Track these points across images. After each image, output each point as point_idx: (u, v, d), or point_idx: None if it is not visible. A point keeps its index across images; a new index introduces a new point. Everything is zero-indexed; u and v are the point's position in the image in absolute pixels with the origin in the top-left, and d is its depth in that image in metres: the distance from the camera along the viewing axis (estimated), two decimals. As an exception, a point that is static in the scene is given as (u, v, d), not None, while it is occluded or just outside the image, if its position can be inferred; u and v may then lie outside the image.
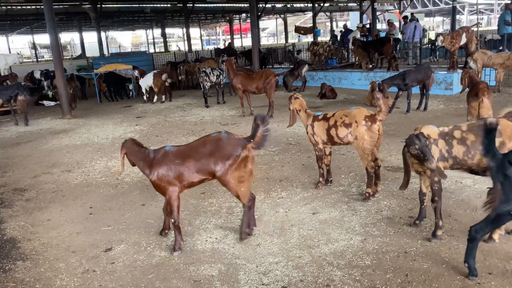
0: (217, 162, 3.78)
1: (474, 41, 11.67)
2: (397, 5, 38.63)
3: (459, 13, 42.40)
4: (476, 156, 3.59)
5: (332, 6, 36.01)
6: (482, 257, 3.49)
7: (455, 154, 3.66)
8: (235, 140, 3.86)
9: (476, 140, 3.55)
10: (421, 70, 9.22)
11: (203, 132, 8.91)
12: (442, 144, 3.71)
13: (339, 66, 16.61)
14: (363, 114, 4.74)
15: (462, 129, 3.67)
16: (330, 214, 4.56)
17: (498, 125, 3.43)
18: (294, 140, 7.75)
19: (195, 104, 12.92)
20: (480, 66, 10.65)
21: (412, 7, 43.74)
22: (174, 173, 3.84)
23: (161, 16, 30.91)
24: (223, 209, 4.91)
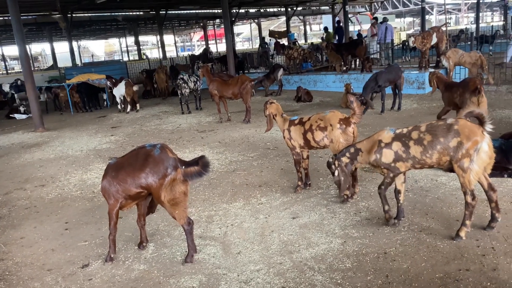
0: (145, 177, 3.60)
1: (444, 40, 11.96)
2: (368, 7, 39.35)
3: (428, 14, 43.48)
4: (434, 155, 3.67)
5: (305, 10, 36.32)
6: (460, 254, 3.55)
7: (413, 154, 3.77)
8: (166, 158, 3.62)
9: (433, 140, 3.64)
10: (392, 71, 9.38)
11: (180, 140, 8.83)
12: (397, 145, 3.83)
13: (314, 69, 16.76)
14: (338, 118, 4.79)
15: (420, 130, 3.77)
16: (310, 218, 4.56)
17: (457, 125, 3.52)
18: (272, 144, 7.75)
19: (172, 112, 12.80)
20: (452, 64, 10.91)
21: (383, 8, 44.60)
22: (113, 186, 3.76)
23: (134, 24, 30.57)
24: (203, 218, 4.85)
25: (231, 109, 10.93)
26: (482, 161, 3.55)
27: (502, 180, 4.98)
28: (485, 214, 4.20)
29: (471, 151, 3.50)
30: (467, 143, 3.51)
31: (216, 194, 5.59)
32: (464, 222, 3.73)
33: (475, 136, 3.50)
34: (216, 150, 7.72)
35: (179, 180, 3.61)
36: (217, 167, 6.72)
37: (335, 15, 30.43)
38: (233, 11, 28.47)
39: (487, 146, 3.53)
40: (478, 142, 3.50)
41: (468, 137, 3.51)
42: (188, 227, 3.78)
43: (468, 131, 3.52)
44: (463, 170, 3.58)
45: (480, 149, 3.51)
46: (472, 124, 3.58)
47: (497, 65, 11.79)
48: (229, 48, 14.81)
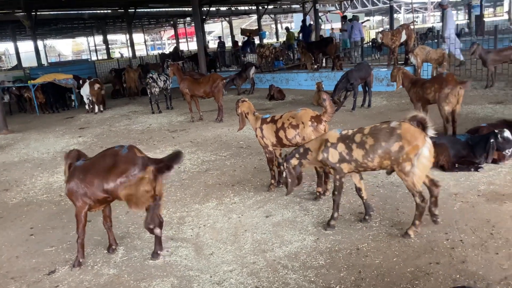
0: (113, 179, 3.51)
1: (413, 38, 12.21)
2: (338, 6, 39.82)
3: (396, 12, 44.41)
4: (376, 159, 3.69)
5: (276, 8, 36.42)
6: (430, 247, 3.60)
7: (355, 157, 3.78)
8: (134, 157, 3.54)
9: (375, 144, 3.65)
10: (362, 68, 9.51)
11: (150, 141, 8.67)
12: (341, 147, 3.84)
13: (286, 67, 16.81)
14: (309, 115, 4.79)
15: (364, 133, 3.77)
16: (283, 216, 4.54)
17: (400, 129, 3.55)
18: (245, 143, 7.71)
19: (142, 112, 12.56)
20: (420, 61, 11.16)
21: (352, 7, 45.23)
22: (80, 189, 3.64)
23: (102, 22, 29.87)
24: (174, 220, 4.76)
25: (203, 108, 10.81)
26: (424, 166, 3.59)
27: (469, 174, 5.11)
28: (453, 208, 4.29)
29: (411, 155, 3.53)
30: (408, 147, 3.53)
31: (188, 194, 5.50)
32: (414, 222, 3.77)
33: (417, 141, 3.53)
34: (188, 150, 7.61)
35: (148, 179, 3.53)
36: (189, 167, 6.62)
37: (306, 13, 30.64)
38: (204, 9, 28.20)
39: (428, 151, 3.57)
40: (419, 147, 3.52)
41: (409, 142, 3.53)
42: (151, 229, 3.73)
43: (410, 136, 3.54)
44: (405, 174, 3.62)
45: (421, 154, 3.53)
46: (415, 128, 3.61)
47: (457, 66, 12.15)
48: (200, 47, 14.67)
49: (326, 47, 14.06)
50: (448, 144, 5.37)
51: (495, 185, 4.75)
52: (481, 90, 10.17)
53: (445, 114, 6.18)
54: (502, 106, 8.42)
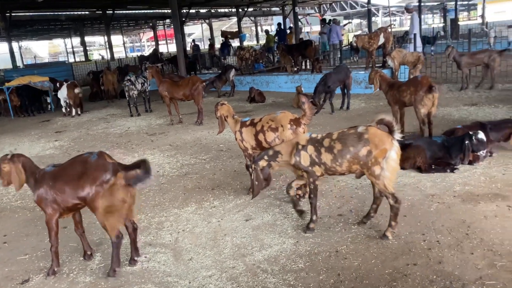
0: (83, 186, 3.43)
1: (391, 41, 12.39)
2: (318, 9, 40.15)
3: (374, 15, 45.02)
4: (344, 164, 3.73)
5: (256, 11, 36.53)
6: (407, 249, 3.65)
7: (324, 161, 3.82)
8: (104, 164, 3.47)
9: (343, 149, 3.69)
10: (341, 71, 9.60)
11: (128, 144, 8.54)
12: (311, 150, 3.88)
13: (266, 70, 16.84)
14: (288, 118, 4.80)
15: (332, 138, 3.81)
16: (263, 219, 4.53)
17: (367, 134, 3.60)
18: (225, 146, 7.67)
19: (120, 115, 12.38)
20: (397, 64, 11.34)
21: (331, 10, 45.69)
22: (50, 196, 3.55)
23: (79, 24, 29.37)
24: (153, 225, 4.69)
25: (182, 111, 10.73)
26: (393, 169, 3.65)
27: (445, 175, 5.20)
28: (430, 209, 4.36)
29: (380, 159, 3.59)
30: (376, 151, 3.58)
31: (167, 199, 5.43)
32: (390, 223, 3.82)
33: (384, 144, 3.58)
34: (167, 154, 7.53)
35: (119, 185, 3.46)
36: (168, 171, 6.55)
37: (286, 16, 30.81)
38: (184, 11, 28.04)
39: (395, 154, 3.63)
40: (387, 151, 3.58)
41: (377, 146, 3.59)
42: (116, 240, 3.59)
43: (378, 140, 3.60)
44: (375, 178, 3.67)
45: (389, 157, 3.60)
46: (382, 132, 3.66)
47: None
48: (179, 49, 14.56)
49: (306, 49, 14.13)
50: (424, 145, 5.46)
51: (470, 185, 4.84)
52: (456, 92, 10.40)
53: (421, 117, 6.28)
54: (476, 108, 8.62)
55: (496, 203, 4.34)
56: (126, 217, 3.71)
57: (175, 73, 16.72)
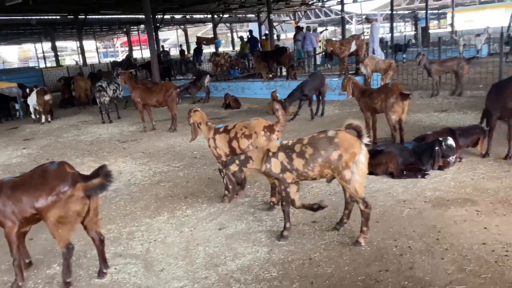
0: (40, 196, 3.32)
1: (363, 48, 12.59)
2: (292, 16, 40.55)
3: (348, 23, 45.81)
4: (316, 168, 3.74)
5: (231, 18, 36.59)
6: (380, 255, 3.66)
7: (296, 166, 3.81)
8: (63, 174, 3.37)
9: (314, 153, 3.70)
10: (316, 78, 9.69)
11: (99, 152, 8.34)
12: (282, 156, 3.87)
13: (242, 76, 16.84)
14: (262, 125, 4.79)
15: (303, 143, 3.82)
16: (237, 228, 4.48)
17: (337, 138, 3.63)
18: (200, 153, 7.58)
19: (91, 122, 12.10)
20: (370, 71, 11.53)
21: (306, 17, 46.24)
22: (8, 206, 3.40)
23: (50, 29, 28.69)
24: (123, 235, 4.57)
25: (156, 117, 10.58)
26: (362, 172, 3.69)
27: (417, 181, 5.27)
28: (402, 215, 4.40)
29: (350, 163, 3.62)
30: (346, 155, 3.61)
31: (139, 208, 5.31)
32: (362, 229, 3.83)
33: (353, 148, 3.62)
34: (139, 161, 7.39)
35: (77, 197, 3.34)
36: (140, 179, 6.41)
37: (261, 23, 30.98)
38: (158, 17, 27.81)
39: (364, 157, 3.67)
40: (356, 154, 3.62)
41: (347, 150, 3.61)
42: (66, 252, 3.47)
43: (347, 143, 3.63)
44: (346, 182, 3.69)
45: (358, 161, 3.63)
46: (351, 136, 3.70)
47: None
48: (153, 55, 14.39)
49: (281, 56, 14.22)
50: (396, 151, 5.53)
51: (441, 191, 4.93)
52: (427, 99, 10.64)
53: (392, 123, 6.38)
54: (446, 114, 8.83)
55: (465, 208, 4.43)
56: (92, 229, 3.59)
57: (149, 79, 16.52)
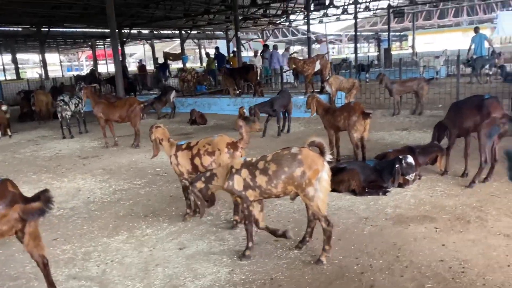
0: None
1: (328, 67, 12.87)
2: (260, 35, 41.12)
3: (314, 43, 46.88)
4: (279, 185, 3.72)
5: (200, 34, 36.70)
6: (341, 273, 3.64)
7: (259, 183, 3.78)
8: (3, 192, 3.18)
9: (277, 169, 3.69)
10: (285, 96, 9.83)
11: (58, 168, 8.02)
12: (245, 173, 3.83)
13: (209, 92, 16.82)
14: (225, 142, 4.74)
15: (267, 159, 3.81)
16: (198, 247, 4.37)
17: (301, 155, 3.65)
18: (162, 170, 7.42)
19: (51, 137, 11.67)
20: (334, 90, 11.78)
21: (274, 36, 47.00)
22: None
23: (11, 41, 27.81)
24: (78, 256, 4.36)
25: (119, 133, 10.33)
26: (325, 189, 3.70)
27: (378, 198, 5.34)
28: (363, 232, 4.43)
29: (313, 180, 3.63)
30: (309, 172, 3.62)
31: (96, 227, 5.10)
32: (324, 248, 3.81)
33: (316, 165, 3.63)
34: (99, 178, 7.14)
35: (10, 217, 3.15)
36: (99, 197, 6.19)
37: (229, 40, 31.22)
38: (125, 31, 27.52)
39: (327, 175, 3.68)
40: (319, 171, 3.62)
41: (310, 167, 3.62)
42: None
43: (310, 160, 3.64)
44: (309, 199, 3.68)
45: (321, 178, 3.64)
46: (314, 153, 3.72)
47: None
48: (118, 69, 14.15)
49: (247, 73, 14.32)
50: (358, 169, 5.60)
51: (401, 208, 5.01)
52: (389, 118, 10.94)
53: (354, 141, 6.48)
54: (407, 133, 9.08)
55: (424, 225, 4.51)
56: (33, 253, 3.38)
57: (113, 93, 16.22)
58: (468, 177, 5.79)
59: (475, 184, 5.49)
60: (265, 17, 30.21)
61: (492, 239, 4.08)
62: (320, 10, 28.52)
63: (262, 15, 28.97)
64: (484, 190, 5.37)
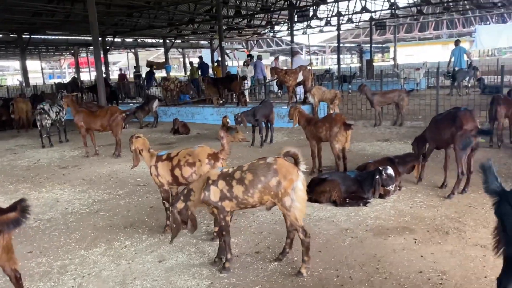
0: None
1: (310, 78, 12.97)
2: (245, 45, 41.34)
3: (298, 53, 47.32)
4: (256, 194, 3.71)
5: (184, 43, 36.72)
6: (321, 285, 3.64)
7: (236, 194, 3.77)
8: None
9: (254, 179, 3.69)
10: (267, 106, 9.87)
11: (36, 178, 7.86)
12: (222, 184, 3.81)
13: (192, 101, 16.76)
14: (206, 153, 4.70)
15: (243, 169, 3.81)
16: (177, 260, 4.31)
17: (276, 165, 3.67)
18: (143, 180, 7.34)
19: (30, 145, 11.45)
20: (317, 100, 11.87)
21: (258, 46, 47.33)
22: None
23: (-10, 47, 27.35)
24: (54, 269, 4.25)
25: (100, 142, 10.19)
26: (302, 199, 3.70)
27: (359, 209, 5.37)
28: (344, 244, 4.44)
29: (289, 190, 3.63)
30: (285, 182, 3.63)
31: (74, 239, 4.99)
32: (304, 259, 3.80)
33: (291, 175, 3.64)
34: (78, 189, 7.02)
35: None
36: (78, 208, 6.07)
37: (214, 50, 31.29)
38: (108, 39, 27.36)
39: (302, 184, 3.69)
40: (293, 181, 3.63)
41: (285, 176, 3.63)
42: None
43: (285, 170, 3.65)
44: (287, 209, 3.68)
45: (297, 188, 3.65)
46: (289, 163, 3.73)
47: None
48: (100, 77, 14.00)
49: (231, 83, 14.34)
50: (339, 180, 5.63)
51: (381, 219, 5.04)
52: (370, 128, 11.07)
53: (336, 152, 6.52)
54: (388, 144, 9.19)
55: (404, 236, 4.54)
56: (5, 266, 3.29)
57: (95, 102, 16.03)
58: (447, 188, 5.88)
59: (454, 195, 5.57)
60: (249, 27, 30.46)
61: (469, 250, 4.13)
62: (303, 22, 28.85)
63: (246, 25, 29.20)
64: (462, 201, 5.46)
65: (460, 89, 16.34)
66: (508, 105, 8.07)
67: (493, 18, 42.19)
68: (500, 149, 8.02)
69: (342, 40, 38.67)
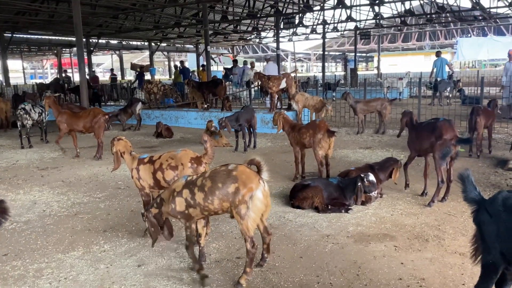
0: None
1: (294, 85, 13.04)
2: (231, 50, 41.40)
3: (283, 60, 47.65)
4: (215, 201, 3.65)
5: (169, 46, 36.57)
6: (301, 292, 3.62)
7: (198, 201, 3.71)
8: None
9: (212, 186, 3.63)
10: (249, 111, 9.86)
11: (14, 179, 7.67)
12: (186, 193, 3.77)
13: (176, 105, 16.67)
14: (189, 156, 4.66)
15: (204, 176, 3.76)
16: (157, 264, 4.24)
17: (236, 171, 3.60)
18: (124, 183, 7.24)
19: (9, 146, 11.20)
20: (301, 107, 11.94)
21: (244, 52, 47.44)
22: None
23: (-30, 45, 26.69)
24: (30, 273, 4.14)
25: (81, 144, 10.03)
26: (258, 209, 3.60)
27: (340, 215, 5.39)
28: (325, 250, 4.44)
29: (246, 197, 3.54)
30: (243, 189, 3.55)
31: (51, 242, 4.87)
32: (245, 270, 3.71)
33: (251, 183, 3.55)
34: (57, 191, 6.88)
35: None
36: (56, 211, 5.94)
37: (199, 54, 31.21)
38: (92, 41, 27.08)
39: (261, 194, 3.60)
40: (253, 189, 3.54)
41: (244, 184, 3.56)
42: None
43: (245, 177, 3.57)
44: (240, 217, 3.58)
45: (255, 197, 3.55)
46: (251, 171, 3.66)
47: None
48: (83, 79, 13.79)
49: (216, 88, 14.32)
50: (322, 186, 5.65)
51: (362, 226, 5.07)
52: (353, 136, 11.17)
53: (319, 158, 6.55)
54: (370, 151, 9.28)
55: (384, 243, 4.57)
56: None
57: (77, 103, 15.81)
58: (427, 196, 5.95)
59: (434, 203, 5.65)
60: (235, 32, 30.53)
61: (448, 258, 4.18)
62: (289, 29, 29.06)
63: (232, 30, 29.27)
64: (442, 209, 5.54)
65: (441, 99, 16.66)
66: (487, 116, 8.26)
67: (474, 31, 43.26)
68: (479, 159, 8.18)
69: (327, 48, 39.08)
